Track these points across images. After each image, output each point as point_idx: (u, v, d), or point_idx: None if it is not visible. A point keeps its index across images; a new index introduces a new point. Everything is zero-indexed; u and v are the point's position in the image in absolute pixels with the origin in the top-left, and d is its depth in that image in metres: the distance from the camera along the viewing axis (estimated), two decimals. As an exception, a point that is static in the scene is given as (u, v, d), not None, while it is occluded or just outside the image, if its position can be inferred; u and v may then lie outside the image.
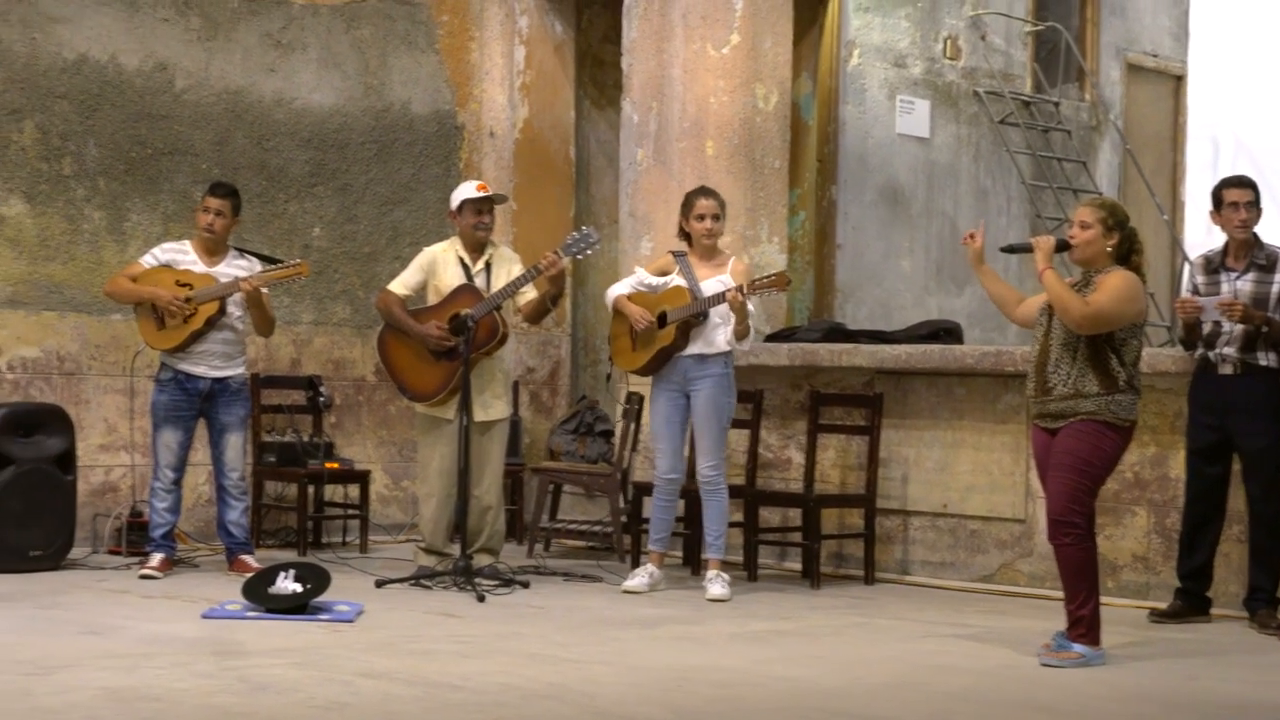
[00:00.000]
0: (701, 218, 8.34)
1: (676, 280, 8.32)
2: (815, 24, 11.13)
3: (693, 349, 8.27)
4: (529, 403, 11.26)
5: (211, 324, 8.49)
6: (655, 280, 8.42)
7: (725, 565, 8.38)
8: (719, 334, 8.26)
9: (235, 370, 8.65)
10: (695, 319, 8.21)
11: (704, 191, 8.45)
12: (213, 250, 8.64)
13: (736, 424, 9.20)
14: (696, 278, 8.27)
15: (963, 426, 8.86)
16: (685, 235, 8.45)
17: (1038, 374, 6.62)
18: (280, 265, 8.67)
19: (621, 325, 8.48)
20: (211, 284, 8.49)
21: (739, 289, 8.04)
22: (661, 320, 8.25)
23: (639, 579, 8.33)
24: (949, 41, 12.48)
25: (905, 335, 9.46)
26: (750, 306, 8.16)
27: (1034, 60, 13.42)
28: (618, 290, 8.49)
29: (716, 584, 8.15)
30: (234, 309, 8.57)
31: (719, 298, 8.10)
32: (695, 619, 7.57)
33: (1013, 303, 6.94)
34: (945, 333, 9.41)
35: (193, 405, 8.57)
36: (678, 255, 8.42)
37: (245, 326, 8.70)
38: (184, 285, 8.47)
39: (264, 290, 8.56)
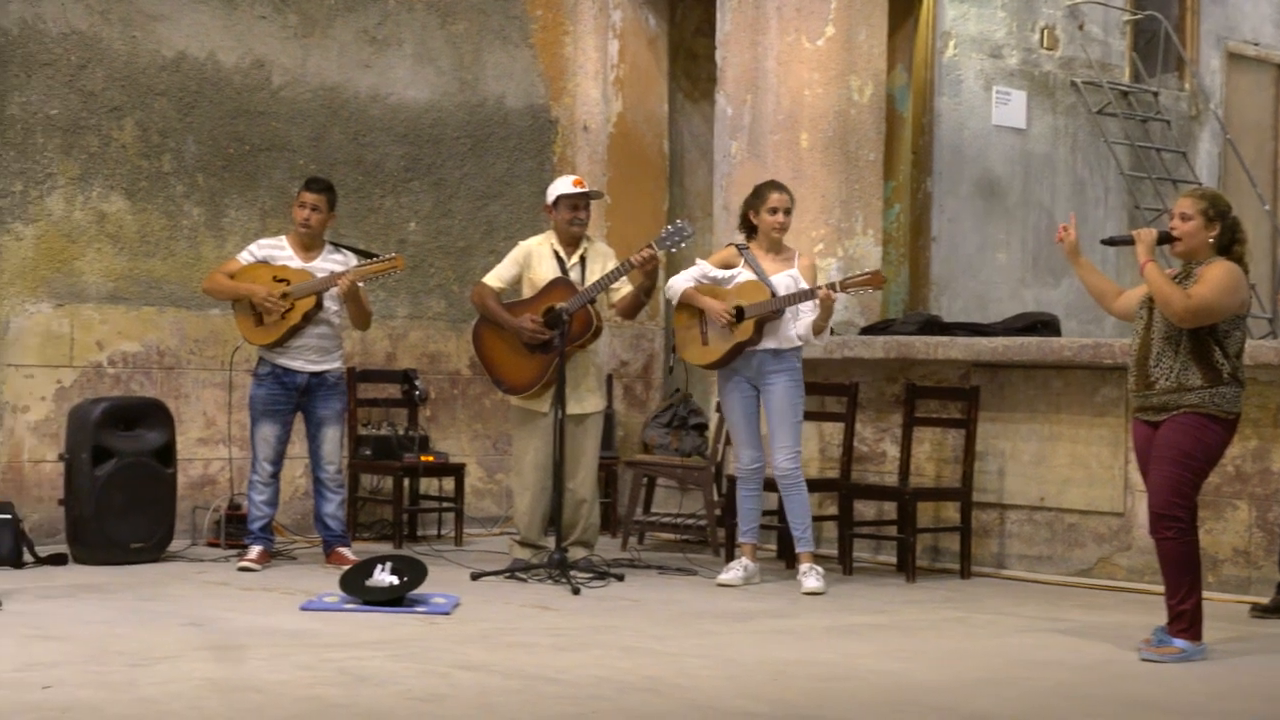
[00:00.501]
0: (774, 211, 8.30)
1: (745, 274, 8.28)
2: (910, 15, 11.07)
3: (767, 343, 8.23)
4: (623, 396, 11.27)
5: (309, 319, 8.55)
6: (719, 273, 8.37)
7: (819, 558, 8.34)
8: (791, 328, 8.23)
9: (332, 364, 8.71)
10: (775, 315, 8.17)
11: (775, 185, 8.41)
12: (309, 245, 8.71)
13: (830, 417, 9.20)
14: (765, 271, 8.23)
15: (1060, 419, 8.78)
16: (749, 228, 8.41)
17: (1139, 367, 6.55)
18: (376, 259, 8.72)
19: (688, 318, 8.43)
20: (308, 279, 8.56)
21: (832, 286, 8.01)
22: (739, 315, 8.20)
23: (733, 572, 8.31)
24: (1046, 31, 12.37)
25: (1002, 328, 9.38)
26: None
27: (1132, 50, 13.28)
28: (682, 283, 8.42)
29: (811, 577, 8.12)
30: (330, 303, 8.63)
31: (808, 294, 8.06)
32: (790, 612, 7.55)
33: (1111, 295, 6.86)
34: (1042, 325, 9.33)
35: (290, 399, 8.64)
36: (741, 248, 8.38)
37: (342, 321, 8.77)
38: (281, 280, 8.55)
39: (360, 284, 8.62)
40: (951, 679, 6.02)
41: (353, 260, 8.76)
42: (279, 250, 8.70)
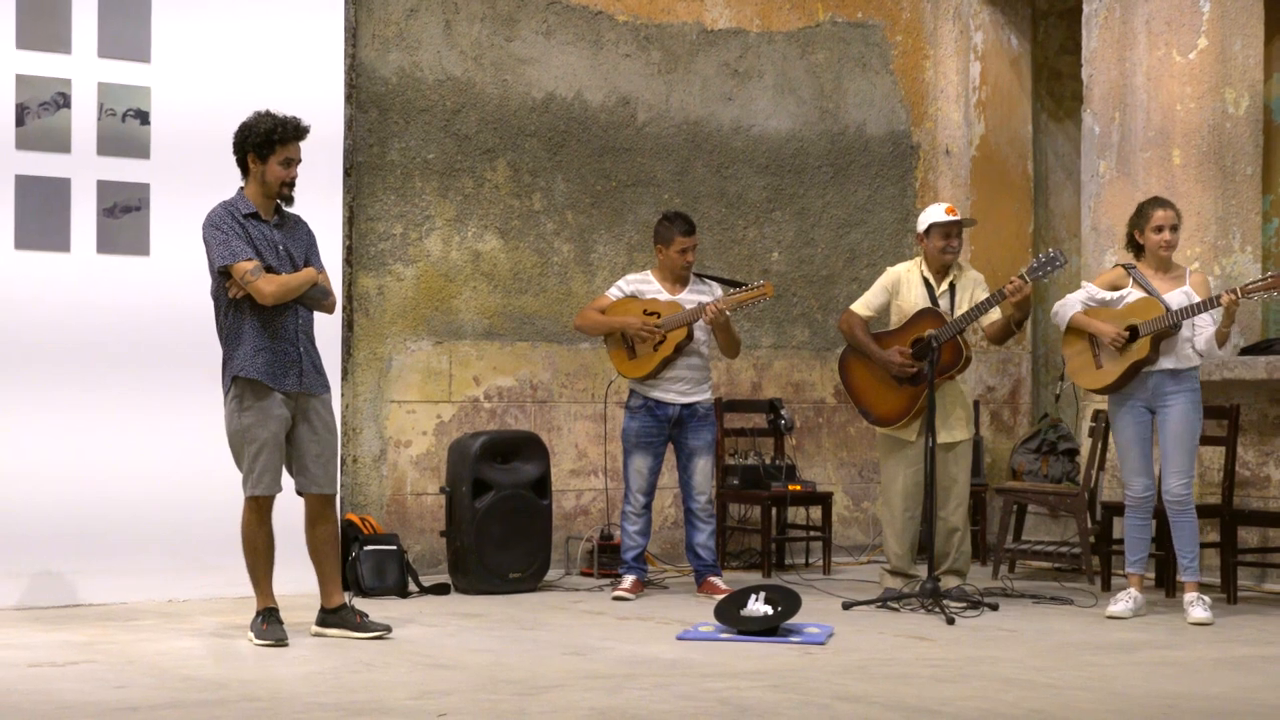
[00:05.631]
0: (1159, 229, 8.09)
1: (1136, 293, 8.08)
2: (1286, 22, 10.67)
3: (1165, 363, 8.01)
4: (990, 422, 11.12)
5: (680, 350, 8.66)
6: (1107, 295, 8.18)
7: (1201, 587, 8.08)
8: (1188, 347, 7.99)
9: (702, 396, 8.80)
10: (1170, 331, 7.94)
11: (1160, 202, 8.19)
12: (677, 278, 8.82)
13: (1210, 440, 8.91)
14: (1156, 290, 8.02)
15: None
16: (1136, 247, 8.21)
17: None
18: (745, 287, 8.78)
19: (1079, 342, 8.25)
20: (678, 311, 8.66)
21: (1233, 292, 7.76)
22: (1133, 334, 8.00)
23: (1122, 604, 8.07)
24: None
25: (1394, 345, 8.96)
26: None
27: None
28: (1071, 308, 8.24)
29: (1198, 607, 7.86)
30: (700, 334, 8.73)
31: (1210, 303, 7.81)
32: (1174, 643, 7.32)
33: None
34: None
35: (662, 431, 8.75)
36: (1129, 268, 8.18)
37: (711, 351, 8.85)
38: (651, 314, 8.67)
39: (728, 313, 8.70)
40: (1354, 715, 5.76)
41: (718, 290, 8.84)
42: (646, 284, 8.83)
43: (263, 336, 7.08)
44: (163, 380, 8.47)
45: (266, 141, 7.12)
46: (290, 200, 7.23)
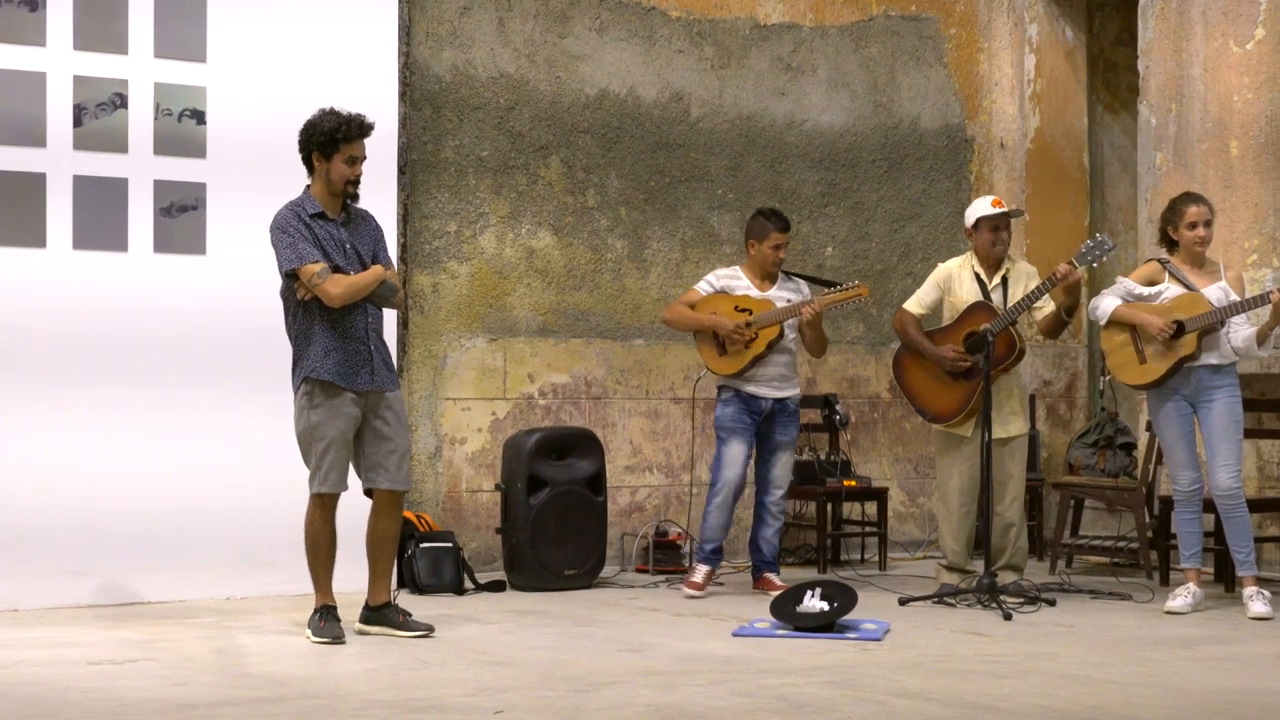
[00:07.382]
0: (1194, 225, 8.02)
1: (1174, 288, 8.01)
2: (1346, 11, 10.58)
3: (1207, 359, 7.95)
4: (1046, 417, 11.06)
5: (772, 347, 8.61)
6: (1144, 290, 8.11)
7: (1262, 582, 8.02)
8: (1227, 343, 7.94)
9: (793, 391, 8.76)
10: (1215, 326, 7.89)
11: (1192, 197, 8.11)
12: (765, 275, 8.78)
13: (1270, 434, 8.87)
14: (1194, 285, 7.96)
15: None
16: (1169, 243, 8.14)
17: None
18: (840, 287, 8.72)
19: (1120, 337, 8.17)
20: (769, 308, 8.63)
21: (1287, 289, 7.71)
22: (1179, 329, 7.94)
23: (1181, 599, 8.01)
24: None
25: None
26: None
27: None
28: (1108, 302, 8.18)
29: (1257, 601, 7.80)
30: (789, 331, 8.69)
31: (1258, 300, 7.75)
32: (1235, 639, 7.27)
33: None
34: None
35: (755, 422, 8.72)
36: (1164, 263, 8.12)
37: (797, 347, 8.80)
38: (742, 310, 8.64)
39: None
40: None
41: (805, 288, 8.81)
42: (736, 280, 8.78)
43: (333, 337, 7.09)
44: (220, 379, 8.52)
45: (330, 140, 7.13)
46: (356, 198, 7.24)
